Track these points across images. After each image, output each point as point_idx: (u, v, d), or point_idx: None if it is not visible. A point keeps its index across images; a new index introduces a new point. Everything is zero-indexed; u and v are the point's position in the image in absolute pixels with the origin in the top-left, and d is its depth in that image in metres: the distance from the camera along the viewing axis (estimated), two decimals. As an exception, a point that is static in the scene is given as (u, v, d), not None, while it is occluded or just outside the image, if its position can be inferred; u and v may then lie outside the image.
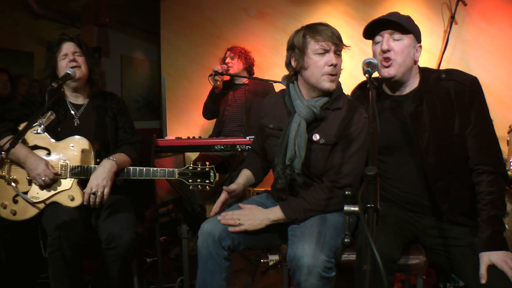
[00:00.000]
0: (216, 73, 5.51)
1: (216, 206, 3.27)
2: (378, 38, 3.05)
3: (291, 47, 3.22)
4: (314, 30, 3.08)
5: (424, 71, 3.11)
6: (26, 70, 9.03)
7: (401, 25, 2.92)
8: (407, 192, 3.10)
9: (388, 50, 2.95)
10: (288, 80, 3.35)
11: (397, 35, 2.96)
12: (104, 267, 3.43)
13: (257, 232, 3.11)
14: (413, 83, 3.08)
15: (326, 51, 3.04)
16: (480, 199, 2.84)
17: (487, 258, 2.63)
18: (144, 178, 3.61)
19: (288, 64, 3.30)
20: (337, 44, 3.06)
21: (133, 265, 3.93)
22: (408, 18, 3.01)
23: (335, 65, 3.05)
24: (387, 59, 2.96)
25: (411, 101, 3.03)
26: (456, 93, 2.89)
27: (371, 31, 3.09)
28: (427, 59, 3.83)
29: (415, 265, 2.92)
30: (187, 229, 4.06)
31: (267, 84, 5.78)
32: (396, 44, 2.95)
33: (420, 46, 3.05)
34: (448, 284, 4.12)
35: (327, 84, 3.08)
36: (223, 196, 3.31)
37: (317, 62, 3.05)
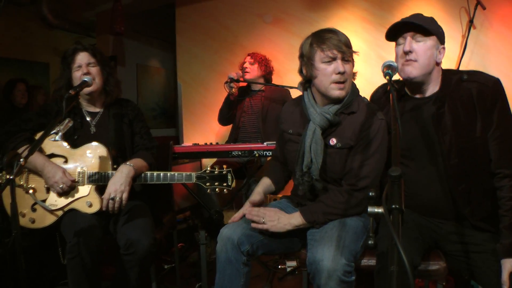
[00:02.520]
0: (232, 80, 5.52)
1: (238, 215, 3.26)
2: (400, 40, 3.02)
3: (300, 56, 3.24)
4: (320, 38, 3.07)
5: (445, 73, 3.06)
6: (42, 81, 9.09)
7: (424, 27, 2.88)
8: (428, 196, 3.05)
9: (410, 52, 2.91)
10: (302, 87, 3.36)
11: (419, 37, 2.91)
12: (123, 273, 3.43)
13: (276, 236, 3.12)
14: (435, 85, 3.03)
15: (333, 59, 3.03)
16: (502, 204, 2.80)
17: (509, 265, 2.60)
18: (162, 182, 3.60)
19: (300, 72, 3.30)
20: (344, 51, 3.03)
21: (152, 271, 3.93)
22: (431, 20, 2.97)
23: (342, 73, 3.03)
24: (409, 59, 2.93)
25: (432, 103, 2.99)
26: (478, 95, 2.84)
27: (394, 33, 3.06)
28: (445, 64, 3.78)
29: (435, 271, 2.89)
30: (205, 235, 4.04)
31: (284, 91, 5.78)
32: (418, 45, 2.90)
33: (444, 48, 2.99)
34: (467, 291, 4.08)
35: (336, 92, 3.07)
36: (246, 207, 3.31)
37: (325, 70, 3.05)
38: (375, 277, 2.75)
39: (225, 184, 3.55)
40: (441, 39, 2.97)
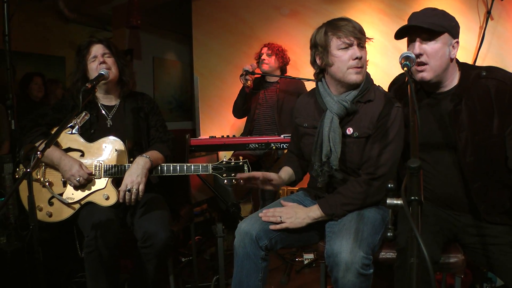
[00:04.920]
0: (247, 72, 5.51)
1: (243, 175, 3.25)
2: (410, 40, 2.98)
3: (314, 45, 3.22)
4: (335, 26, 3.07)
5: (464, 67, 3.01)
6: (58, 75, 9.11)
7: (432, 30, 2.82)
8: (444, 191, 3.03)
9: (421, 54, 2.87)
10: (316, 78, 3.35)
11: (429, 39, 2.86)
12: (140, 266, 3.44)
13: (295, 230, 3.10)
14: (452, 80, 2.98)
15: (350, 46, 3.02)
16: None
17: None
18: (178, 174, 3.61)
19: (313, 62, 3.29)
20: (359, 37, 3.04)
21: (169, 264, 3.93)
22: (442, 14, 2.90)
23: (360, 58, 3.03)
24: (421, 63, 2.89)
25: (450, 99, 2.95)
26: (497, 92, 2.79)
27: (403, 34, 3.03)
28: (462, 55, 3.73)
29: (453, 263, 2.87)
30: (222, 228, 4.04)
31: (299, 83, 5.76)
32: (429, 46, 2.86)
33: (457, 42, 2.93)
34: (485, 285, 4.06)
35: (353, 77, 3.06)
36: (257, 174, 3.27)
37: (342, 57, 3.04)
38: (395, 273, 2.73)
39: None
40: (453, 33, 2.90)
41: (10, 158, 4.15)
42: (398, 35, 3.01)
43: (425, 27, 2.81)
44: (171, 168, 3.61)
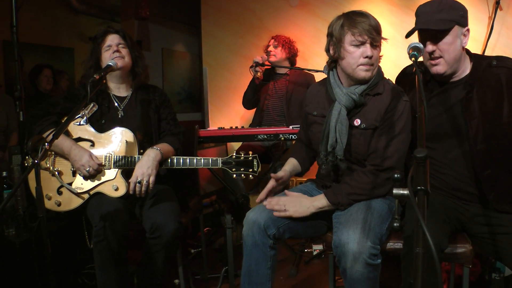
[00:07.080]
0: (257, 64, 5.51)
1: (263, 193, 3.27)
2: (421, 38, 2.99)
3: (330, 34, 3.21)
4: (352, 21, 3.05)
5: (475, 58, 3.02)
6: (67, 66, 9.10)
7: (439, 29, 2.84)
8: (454, 179, 3.03)
9: (434, 51, 2.89)
10: (328, 67, 3.35)
11: (439, 36, 2.87)
12: (149, 257, 3.46)
13: (302, 220, 3.11)
14: (463, 69, 3.00)
15: (362, 43, 3.02)
16: None
17: None
18: (188, 167, 3.61)
19: (327, 50, 3.29)
20: (373, 37, 3.02)
21: (178, 255, 3.95)
22: (450, 6, 2.89)
23: (370, 57, 3.03)
24: (435, 58, 2.91)
25: (461, 88, 2.95)
26: (508, 80, 2.81)
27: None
28: (472, 46, 3.65)
29: (461, 253, 2.88)
30: (231, 219, 4.05)
31: (309, 75, 5.79)
32: (441, 42, 2.87)
33: (468, 30, 2.94)
34: (493, 274, 4.06)
35: (362, 73, 3.07)
36: (271, 184, 3.31)
37: (353, 53, 3.04)
38: (402, 260, 2.74)
39: (251, 170, 3.56)
40: (463, 23, 2.90)
41: (18, 149, 4.16)
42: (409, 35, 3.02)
43: (433, 29, 2.83)
44: (181, 161, 3.60)
